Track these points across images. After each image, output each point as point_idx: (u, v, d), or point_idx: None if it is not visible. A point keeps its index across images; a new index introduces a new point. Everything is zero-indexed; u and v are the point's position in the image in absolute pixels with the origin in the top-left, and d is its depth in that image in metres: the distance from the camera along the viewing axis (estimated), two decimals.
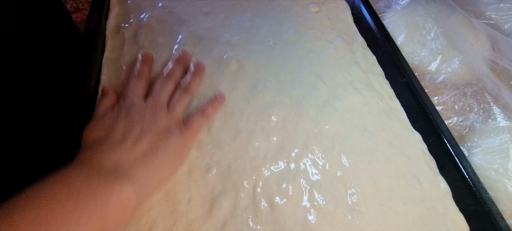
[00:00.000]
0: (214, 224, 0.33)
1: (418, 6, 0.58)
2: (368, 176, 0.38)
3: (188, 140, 0.35)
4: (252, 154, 0.37)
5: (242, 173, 0.36)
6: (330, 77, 0.46)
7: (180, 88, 0.39)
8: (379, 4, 0.62)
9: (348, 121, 0.42)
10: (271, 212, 0.34)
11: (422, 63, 0.54)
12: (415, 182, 0.38)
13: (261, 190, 0.35)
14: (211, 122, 0.39)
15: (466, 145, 0.46)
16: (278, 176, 0.36)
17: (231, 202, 0.34)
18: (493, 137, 0.44)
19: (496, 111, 0.47)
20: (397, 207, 0.36)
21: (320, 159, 0.38)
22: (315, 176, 0.37)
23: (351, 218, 0.34)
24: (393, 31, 0.57)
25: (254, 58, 0.46)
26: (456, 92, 0.50)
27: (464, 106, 0.49)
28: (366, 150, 0.39)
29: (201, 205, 0.34)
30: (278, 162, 0.37)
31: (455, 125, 0.48)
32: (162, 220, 0.33)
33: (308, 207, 0.35)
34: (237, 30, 0.50)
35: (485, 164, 0.42)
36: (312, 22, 0.54)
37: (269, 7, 0.55)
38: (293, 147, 0.39)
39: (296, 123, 0.41)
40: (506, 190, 0.40)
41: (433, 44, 0.54)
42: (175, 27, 0.50)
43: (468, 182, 0.38)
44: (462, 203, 0.37)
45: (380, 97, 0.45)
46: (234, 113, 0.40)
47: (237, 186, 0.35)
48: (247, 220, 0.33)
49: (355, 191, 0.36)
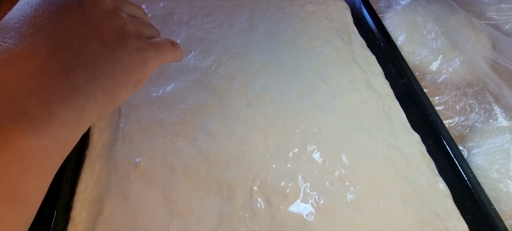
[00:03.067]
0: (211, 222, 0.33)
1: (419, 6, 0.58)
2: (367, 175, 0.37)
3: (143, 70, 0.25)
4: (249, 153, 0.37)
5: (239, 172, 0.36)
6: (330, 77, 0.46)
7: None
8: (380, 4, 0.61)
9: (348, 120, 0.42)
10: (268, 210, 0.34)
11: (423, 63, 0.53)
12: (414, 183, 0.38)
13: (258, 189, 0.35)
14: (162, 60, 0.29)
15: (467, 145, 0.45)
16: (275, 175, 0.36)
17: (227, 201, 0.34)
18: (494, 137, 0.44)
19: (497, 112, 0.46)
20: (396, 207, 0.35)
21: (319, 157, 0.38)
22: (314, 175, 0.37)
23: (350, 217, 0.34)
24: (393, 31, 0.56)
25: (253, 59, 0.46)
26: (457, 92, 0.50)
27: (465, 107, 0.49)
28: (365, 149, 0.39)
29: (198, 204, 0.34)
30: (276, 161, 0.37)
31: (456, 125, 0.48)
32: (159, 218, 0.33)
33: (307, 205, 0.34)
34: (236, 31, 0.50)
35: (486, 164, 0.42)
36: (309, 22, 0.54)
37: (266, 7, 0.55)
38: (291, 146, 0.38)
39: (295, 122, 0.40)
40: (507, 190, 0.39)
41: (434, 44, 0.54)
42: (175, 28, 0.50)
43: (467, 184, 0.37)
44: (461, 204, 0.37)
45: (379, 97, 0.45)
46: (231, 114, 0.40)
47: (234, 185, 0.35)
48: (244, 218, 0.33)
49: (354, 190, 0.36)
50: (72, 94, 0.20)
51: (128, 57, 0.24)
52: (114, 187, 0.34)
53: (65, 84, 0.19)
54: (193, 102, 0.41)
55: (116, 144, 0.38)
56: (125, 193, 0.34)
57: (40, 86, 0.18)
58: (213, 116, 0.40)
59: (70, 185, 0.35)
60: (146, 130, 0.39)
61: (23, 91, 0.18)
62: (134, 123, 0.39)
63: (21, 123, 0.17)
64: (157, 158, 0.37)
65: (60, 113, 0.19)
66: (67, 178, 0.34)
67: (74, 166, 0.36)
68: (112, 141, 0.38)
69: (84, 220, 0.33)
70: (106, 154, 0.37)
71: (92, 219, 0.33)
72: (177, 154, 0.37)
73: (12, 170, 0.17)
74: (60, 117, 0.19)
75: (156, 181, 0.35)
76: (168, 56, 0.28)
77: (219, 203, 0.34)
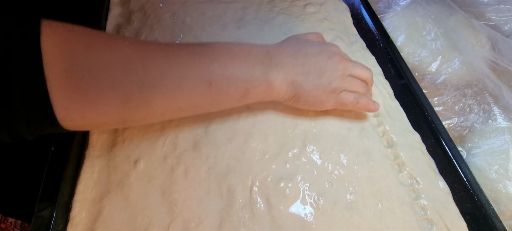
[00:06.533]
0: (210, 223, 0.33)
1: (418, 7, 0.58)
2: (366, 175, 0.37)
3: (329, 102, 0.38)
4: (249, 154, 0.37)
5: (239, 173, 0.36)
6: None
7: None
8: (379, 5, 0.62)
9: (347, 120, 0.42)
10: (268, 211, 0.34)
11: (422, 64, 0.53)
12: (414, 182, 0.38)
13: (258, 190, 0.35)
14: (361, 108, 0.40)
15: (466, 145, 0.45)
16: (275, 175, 0.36)
17: (227, 202, 0.34)
18: (494, 138, 0.44)
19: (496, 112, 0.47)
20: (395, 207, 0.35)
21: (319, 158, 0.38)
22: (313, 176, 0.37)
23: (349, 217, 0.34)
24: (393, 32, 0.56)
25: None
26: (456, 93, 0.50)
27: (464, 107, 0.49)
28: (364, 149, 0.39)
29: (197, 205, 0.34)
30: (276, 162, 0.37)
31: (455, 126, 0.48)
32: (158, 219, 0.33)
33: (306, 206, 0.35)
34: (239, 34, 0.50)
35: (485, 165, 0.42)
36: (310, 23, 0.54)
37: (267, 8, 0.56)
38: (291, 147, 0.38)
39: (295, 123, 0.41)
40: (506, 191, 0.39)
41: (433, 44, 0.54)
42: (177, 30, 0.50)
43: (465, 184, 0.38)
44: (460, 205, 0.37)
45: (380, 97, 0.45)
46: (231, 115, 0.40)
47: (234, 185, 0.35)
48: (244, 219, 0.33)
49: (353, 191, 0.36)
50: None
51: (326, 87, 0.37)
52: (113, 188, 0.34)
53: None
54: None
55: (115, 144, 0.38)
56: (125, 194, 0.34)
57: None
58: (213, 117, 0.40)
59: (70, 186, 0.35)
60: (146, 131, 0.39)
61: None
62: None
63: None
64: (156, 159, 0.37)
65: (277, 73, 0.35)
66: (66, 179, 0.34)
67: (73, 167, 0.36)
68: (111, 142, 0.38)
69: (83, 220, 0.33)
70: (106, 155, 0.37)
71: (91, 220, 0.33)
72: (177, 154, 0.37)
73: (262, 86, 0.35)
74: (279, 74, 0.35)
75: (156, 182, 0.35)
76: (347, 107, 0.40)
77: (219, 204, 0.34)
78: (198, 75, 0.31)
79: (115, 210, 0.33)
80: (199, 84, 0.31)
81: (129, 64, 0.27)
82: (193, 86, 0.31)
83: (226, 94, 0.33)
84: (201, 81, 0.31)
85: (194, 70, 0.31)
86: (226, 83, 0.32)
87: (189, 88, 0.30)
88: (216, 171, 0.36)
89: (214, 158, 0.37)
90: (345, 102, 0.39)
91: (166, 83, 0.29)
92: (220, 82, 0.32)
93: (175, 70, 0.30)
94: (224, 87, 0.32)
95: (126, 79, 0.27)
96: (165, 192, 0.34)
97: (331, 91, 0.37)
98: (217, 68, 0.31)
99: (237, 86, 0.33)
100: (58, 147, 0.35)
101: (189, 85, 0.30)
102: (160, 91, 0.29)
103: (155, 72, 0.28)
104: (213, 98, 0.32)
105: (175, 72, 0.29)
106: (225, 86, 0.32)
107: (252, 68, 0.34)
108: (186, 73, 0.30)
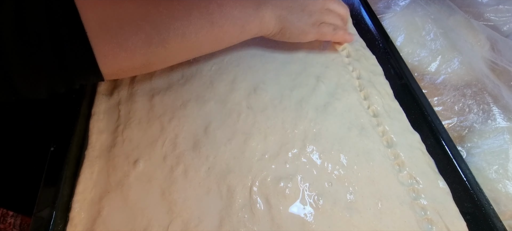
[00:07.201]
0: (210, 223, 0.33)
1: (418, 7, 0.58)
2: (366, 175, 0.37)
3: (311, 32, 0.44)
4: (248, 154, 0.37)
5: (238, 173, 0.36)
6: (329, 78, 0.46)
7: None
8: (379, 5, 0.62)
9: (347, 120, 0.42)
10: (268, 211, 0.34)
11: (422, 64, 0.53)
12: (413, 182, 0.38)
13: (258, 190, 0.35)
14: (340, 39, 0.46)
15: (466, 145, 0.45)
16: (275, 175, 0.36)
17: (227, 202, 0.34)
18: (493, 138, 0.44)
19: (495, 112, 0.47)
20: (395, 207, 0.35)
21: (318, 158, 0.38)
22: (313, 176, 0.37)
23: (349, 217, 0.34)
24: (392, 32, 0.57)
25: (253, 61, 0.46)
26: (456, 93, 0.50)
27: (463, 107, 0.49)
28: (364, 149, 0.39)
29: (197, 205, 0.34)
30: (276, 162, 0.37)
31: (455, 126, 0.48)
32: (158, 219, 0.32)
33: (306, 206, 0.35)
34: None
35: (485, 164, 0.42)
36: None
37: None
38: (291, 147, 0.38)
39: (295, 124, 0.40)
40: (506, 190, 0.40)
41: (433, 45, 0.54)
42: None
43: (465, 184, 0.38)
44: (460, 205, 0.37)
45: (380, 97, 0.45)
46: (231, 115, 0.40)
47: (233, 185, 0.35)
48: (243, 219, 0.33)
49: (353, 191, 0.36)
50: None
51: (308, 19, 0.43)
52: (113, 188, 0.34)
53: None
54: (193, 103, 0.41)
55: (115, 144, 0.38)
56: (124, 194, 0.34)
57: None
58: (213, 117, 0.40)
59: (69, 186, 0.35)
60: (146, 131, 0.39)
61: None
62: (134, 124, 0.39)
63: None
64: (156, 159, 0.37)
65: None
66: (66, 179, 0.34)
67: (73, 167, 0.36)
68: (111, 142, 0.38)
69: (83, 221, 0.33)
70: (105, 155, 0.37)
71: (91, 220, 0.33)
72: (177, 154, 0.37)
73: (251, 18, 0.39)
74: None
75: (155, 182, 0.35)
76: (326, 37, 0.45)
77: (219, 204, 0.34)
78: (201, 15, 0.36)
79: (114, 210, 0.33)
80: (204, 24, 0.36)
81: (146, 11, 0.33)
82: (199, 27, 0.36)
83: (226, 32, 0.38)
84: (205, 22, 0.36)
85: (197, 10, 0.36)
86: (225, 21, 0.37)
87: (196, 28, 0.35)
88: (215, 171, 0.36)
89: (214, 158, 0.37)
90: (325, 33, 0.44)
91: (176, 24, 0.34)
92: (220, 21, 0.37)
93: (181, 11, 0.35)
94: (224, 25, 0.37)
95: (145, 24, 0.32)
96: (164, 192, 0.34)
97: (312, 24, 0.43)
98: (216, 9, 0.37)
99: (234, 24, 0.38)
100: (57, 147, 0.35)
101: (196, 26, 0.35)
102: (173, 33, 0.34)
103: (165, 14, 0.34)
104: (215, 36, 0.38)
105: (181, 13, 0.35)
106: (225, 24, 0.37)
107: (245, 7, 0.39)
108: (191, 12, 0.35)
